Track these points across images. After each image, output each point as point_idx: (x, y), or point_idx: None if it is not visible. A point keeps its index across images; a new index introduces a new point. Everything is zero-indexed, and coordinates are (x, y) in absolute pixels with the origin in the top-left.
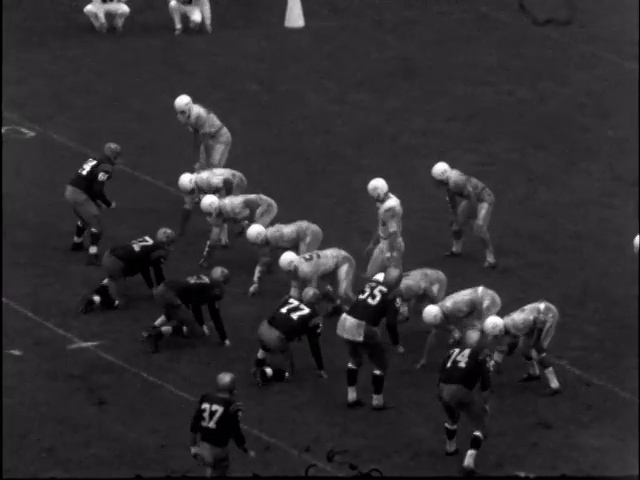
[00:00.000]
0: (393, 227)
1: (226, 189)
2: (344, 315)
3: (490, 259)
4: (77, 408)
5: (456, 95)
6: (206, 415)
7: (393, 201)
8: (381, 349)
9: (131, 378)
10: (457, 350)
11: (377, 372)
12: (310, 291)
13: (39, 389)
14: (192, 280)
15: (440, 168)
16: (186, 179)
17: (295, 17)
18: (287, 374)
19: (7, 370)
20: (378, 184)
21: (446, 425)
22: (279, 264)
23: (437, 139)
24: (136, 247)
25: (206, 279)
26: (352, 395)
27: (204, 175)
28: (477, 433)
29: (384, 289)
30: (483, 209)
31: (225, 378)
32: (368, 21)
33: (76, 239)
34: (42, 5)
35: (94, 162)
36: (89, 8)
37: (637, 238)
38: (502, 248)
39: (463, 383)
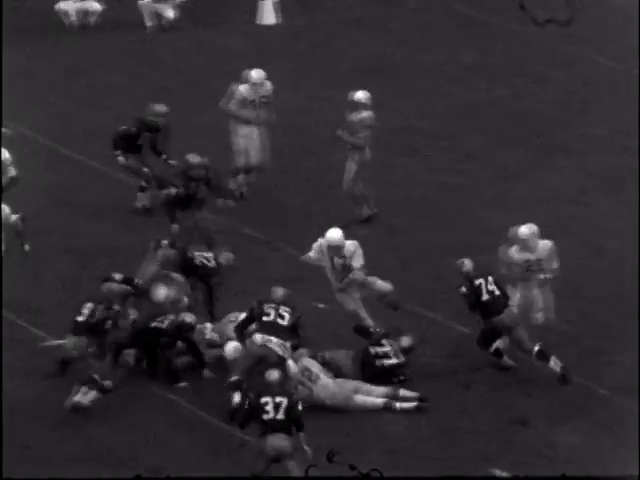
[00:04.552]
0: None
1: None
2: (257, 337)
3: (365, 211)
4: (52, 406)
5: (430, 92)
6: (269, 408)
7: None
8: None
9: None
10: (482, 282)
11: None
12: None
13: (13, 387)
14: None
15: (363, 95)
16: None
17: (267, 14)
18: None
19: None
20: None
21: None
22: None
23: (411, 136)
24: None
25: (213, 263)
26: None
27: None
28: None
29: (288, 309)
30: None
31: (274, 374)
32: (340, 18)
33: None
34: (13, 3)
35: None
36: (60, 6)
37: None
38: (476, 245)
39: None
